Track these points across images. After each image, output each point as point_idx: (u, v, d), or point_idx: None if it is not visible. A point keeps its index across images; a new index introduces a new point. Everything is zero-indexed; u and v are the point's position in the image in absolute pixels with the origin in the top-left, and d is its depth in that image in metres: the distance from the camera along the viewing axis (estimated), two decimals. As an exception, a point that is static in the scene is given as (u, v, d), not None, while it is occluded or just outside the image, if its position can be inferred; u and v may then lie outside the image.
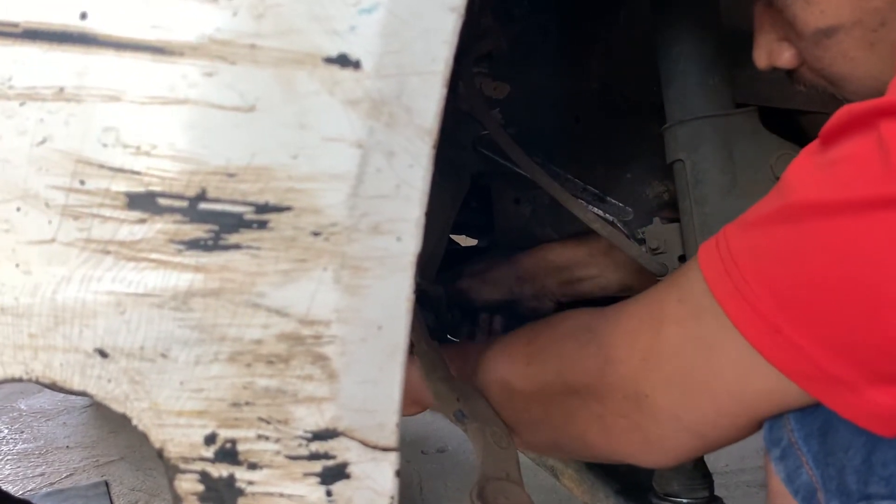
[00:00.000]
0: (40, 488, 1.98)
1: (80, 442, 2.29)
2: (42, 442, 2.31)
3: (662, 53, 0.78)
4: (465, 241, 1.49)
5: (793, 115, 1.04)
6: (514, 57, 0.97)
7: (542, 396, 0.66)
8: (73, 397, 2.52)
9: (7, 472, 2.09)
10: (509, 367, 0.70)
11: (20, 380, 0.43)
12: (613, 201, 1.01)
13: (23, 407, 2.62)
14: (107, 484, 1.99)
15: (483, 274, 1.11)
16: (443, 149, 1.02)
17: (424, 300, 1.04)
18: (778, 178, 0.76)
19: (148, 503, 1.88)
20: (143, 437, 0.43)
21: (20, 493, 1.93)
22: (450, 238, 1.37)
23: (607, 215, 0.97)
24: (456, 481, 1.89)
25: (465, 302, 1.12)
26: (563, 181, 1.00)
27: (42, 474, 2.08)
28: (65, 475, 2.07)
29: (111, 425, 2.35)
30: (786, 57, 0.61)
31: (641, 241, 0.87)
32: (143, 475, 2.03)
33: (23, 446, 2.29)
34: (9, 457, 2.21)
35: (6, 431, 2.42)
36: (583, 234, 0.95)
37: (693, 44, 0.76)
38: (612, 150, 1.07)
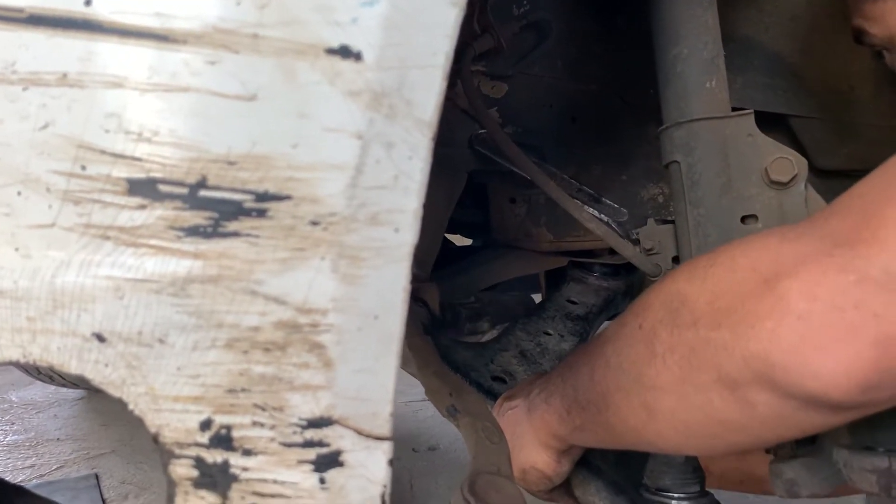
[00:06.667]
0: (30, 480, 1.98)
1: (70, 434, 2.28)
2: (33, 434, 2.30)
3: (660, 55, 0.79)
4: (460, 240, 1.49)
5: (785, 119, 1.05)
6: (513, 56, 0.98)
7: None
8: (65, 390, 2.52)
9: (-3, 464, 2.09)
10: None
11: (17, 363, 0.43)
12: (608, 202, 1.02)
13: (14, 399, 2.61)
14: (97, 476, 1.99)
15: None
16: (439, 146, 1.02)
17: (419, 297, 1.05)
18: (773, 182, 0.78)
19: (138, 496, 1.88)
20: (136, 427, 0.43)
21: (10, 484, 1.92)
22: (445, 237, 1.37)
23: (602, 216, 0.98)
24: (447, 479, 1.90)
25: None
26: (558, 181, 1.00)
27: (32, 466, 2.07)
28: (55, 467, 2.07)
29: (102, 418, 2.35)
30: None
31: (636, 242, 0.88)
32: (133, 468, 2.03)
33: (13, 438, 2.28)
34: (-1, 448, 2.20)
35: (-4, 423, 2.41)
36: None
37: (691, 46, 0.76)
38: (608, 151, 1.07)
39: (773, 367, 0.51)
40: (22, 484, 1.92)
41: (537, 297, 1.34)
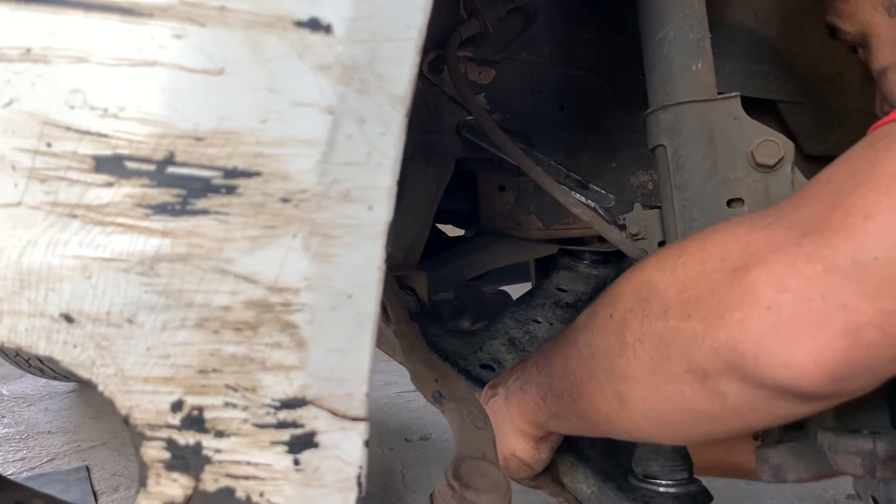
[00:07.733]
0: (21, 473, 1.97)
1: (61, 427, 2.28)
2: (23, 427, 2.29)
3: (646, 38, 0.78)
4: (452, 230, 1.49)
5: (775, 105, 1.05)
6: (500, 41, 0.97)
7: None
8: (56, 383, 2.51)
9: (-12, 457, 2.08)
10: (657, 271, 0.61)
11: (-15, 345, 0.42)
12: (596, 188, 1.01)
13: (4, 392, 2.61)
14: (88, 469, 1.98)
15: None
16: (426, 133, 1.01)
17: (407, 284, 1.04)
18: (759, 165, 0.77)
19: (129, 488, 1.88)
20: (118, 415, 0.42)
21: (0, 477, 1.91)
22: (437, 227, 1.37)
23: (589, 201, 0.97)
24: (438, 469, 1.89)
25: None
26: (546, 167, 1.00)
27: (23, 459, 2.07)
28: (46, 460, 2.06)
29: (93, 411, 2.34)
30: None
31: (623, 228, 0.87)
32: (124, 460, 2.02)
33: (4, 431, 2.27)
34: (-10, 441, 2.20)
35: (-13, 416, 2.40)
36: None
37: (677, 28, 0.76)
38: (597, 138, 1.07)
39: (742, 357, 0.51)
40: (12, 477, 1.92)
41: (526, 287, 1.33)
